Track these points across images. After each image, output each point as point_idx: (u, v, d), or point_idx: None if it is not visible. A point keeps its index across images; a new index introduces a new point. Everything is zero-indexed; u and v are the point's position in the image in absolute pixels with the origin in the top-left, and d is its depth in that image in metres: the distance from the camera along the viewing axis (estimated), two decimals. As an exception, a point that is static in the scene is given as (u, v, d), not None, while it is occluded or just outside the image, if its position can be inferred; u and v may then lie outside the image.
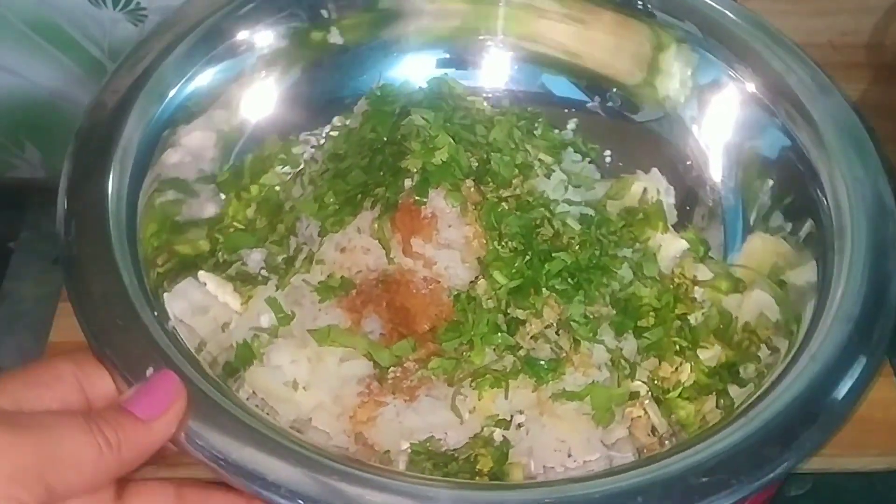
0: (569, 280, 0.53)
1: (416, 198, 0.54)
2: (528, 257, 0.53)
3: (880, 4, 0.80)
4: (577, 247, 0.55)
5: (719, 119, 0.60)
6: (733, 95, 0.59)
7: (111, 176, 0.50)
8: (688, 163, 0.62)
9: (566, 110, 0.66)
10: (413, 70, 0.65)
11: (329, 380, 0.51)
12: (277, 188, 0.61)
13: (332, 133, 0.63)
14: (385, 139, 0.59)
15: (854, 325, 0.46)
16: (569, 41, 0.64)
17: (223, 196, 0.60)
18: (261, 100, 0.61)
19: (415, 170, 0.55)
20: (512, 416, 0.51)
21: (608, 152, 0.65)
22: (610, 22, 0.63)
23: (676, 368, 0.54)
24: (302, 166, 0.62)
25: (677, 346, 0.54)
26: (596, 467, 0.50)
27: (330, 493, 0.40)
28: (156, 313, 0.47)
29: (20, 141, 0.85)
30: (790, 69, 0.57)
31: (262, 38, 0.60)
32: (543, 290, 0.52)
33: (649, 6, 0.61)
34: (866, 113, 0.55)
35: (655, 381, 0.54)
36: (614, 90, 0.64)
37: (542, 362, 0.51)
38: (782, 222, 0.56)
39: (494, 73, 0.66)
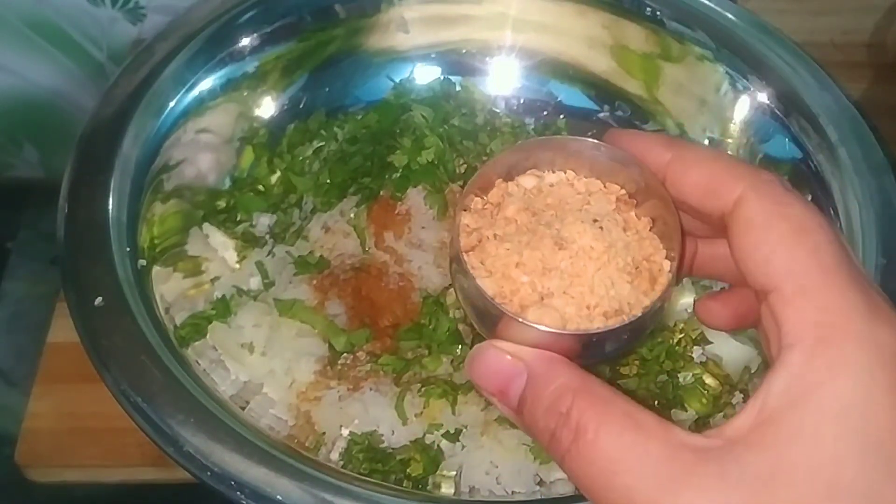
0: None
1: (393, 193, 0.56)
2: None
3: (881, 4, 0.80)
4: None
5: (731, 130, 0.59)
6: (745, 106, 0.58)
7: (112, 180, 0.50)
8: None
9: (577, 121, 0.65)
10: (420, 77, 0.64)
11: (283, 351, 0.52)
12: (306, 161, 0.61)
13: (357, 117, 0.63)
14: (384, 131, 0.59)
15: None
16: (576, 50, 0.64)
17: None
18: (263, 106, 0.61)
19: (400, 166, 0.56)
20: (458, 430, 0.51)
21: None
22: (619, 30, 0.62)
23: None
24: (323, 144, 0.62)
25: (656, 402, 0.52)
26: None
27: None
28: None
29: (18, 140, 0.85)
30: (800, 76, 0.57)
31: (266, 43, 0.60)
32: None
33: (658, 14, 0.60)
34: (868, 112, 0.55)
35: None
36: (623, 101, 0.64)
37: None
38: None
39: (502, 81, 0.65)
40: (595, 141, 0.35)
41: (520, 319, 0.31)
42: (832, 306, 0.27)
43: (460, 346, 0.52)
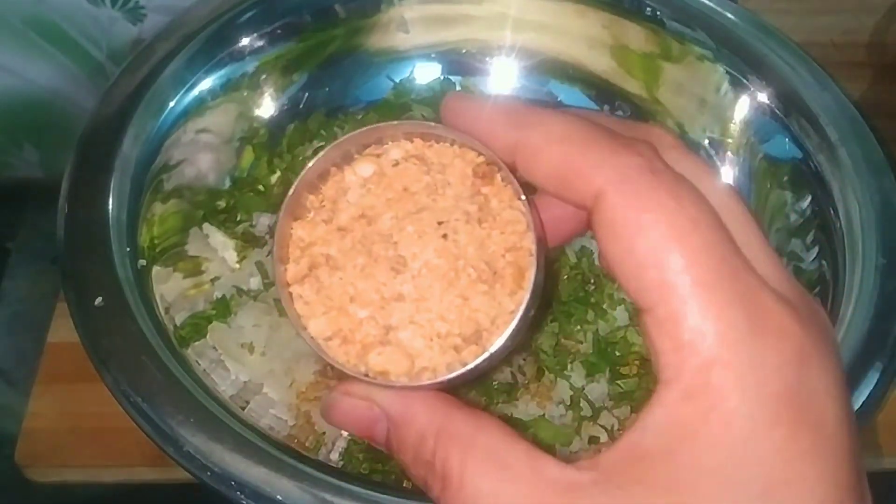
0: (543, 309, 0.52)
1: None
2: None
3: (882, 3, 0.80)
4: (564, 277, 0.54)
5: (731, 130, 0.59)
6: (745, 106, 0.58)
7: (112, 180, 0.50)
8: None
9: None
10: (420, 77, 0.64)
11: (283, 351, 0.52)
12: (306, 161, 0.60)
13: (357, 117, 0.63)
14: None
15: (868, 332, 0.45)
16: (576, 49, 0.64)
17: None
18: (263, 106, 0.61)
19: (401, 166, 0.56)
20: None
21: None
22: (619, 30, 0.62)
23: None
24: (323, 144, 0.62)
25: None
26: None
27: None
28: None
29: (18, 140, 0.85)
30: (800, 76, 0.57)
31: (266, 43, 0.59)
32: None
33: (658, 13, 0.60)
34: (868, 112, 0.55)
35: (620, 430, 0.51)
36: (623, 101, 0.63)
37: (494, 383, 0.51)
38: (795, 247, 0.55)
39: (502, 80, 0.65)
40: (432, 123, 0.31)
41: (357, 375, 0.29)
42: (709, 332, 0.24)
43: (460, 346, 0.52)
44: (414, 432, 0.28)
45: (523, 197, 0.29)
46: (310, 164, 0.31)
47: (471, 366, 0.28)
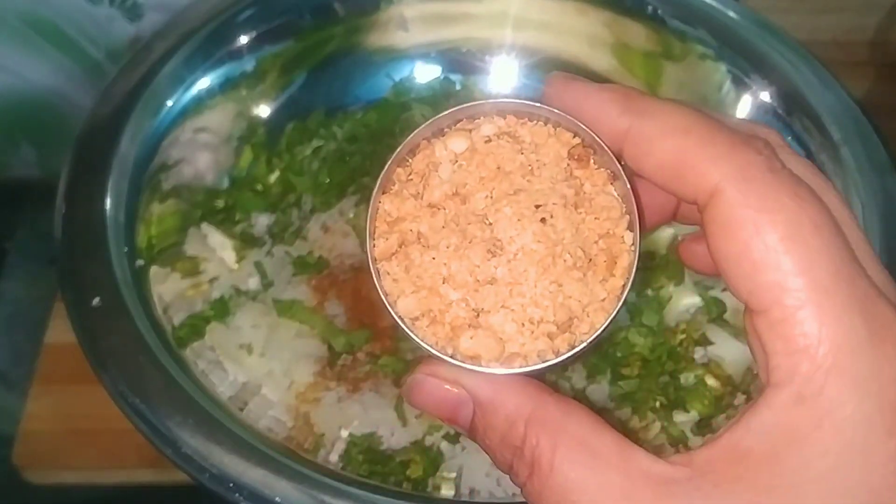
0: None
1: None
2: None
3: (884, 2, 0.79)
4: None
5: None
6: (747, 105, 0.58)
7: (110, 180, 0.50)
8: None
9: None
10: (420, 76, 0.64)
11: (281, 351, 0.52)
12: (305, 160, 0.61)
13: (356, 116, 0.62)
14: (384, 130, 0.59)
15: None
16: (577, 48, 0.63)
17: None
18: (262, 105, 0.61)
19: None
20: (458, 431, 0.50)
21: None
22: (621, 29, 0.62)
23: (646, 425, 0.52)
24: (323, 143, 0.62)
25: (657, 403, 0.52)
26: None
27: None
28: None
29: (16, 140, 0.84)
30: (802, 75, 0.56)
31: (265, 42, 0.59)
32: None
33: (660, 12, 0.60)
34: (871, 111, 0.55)
35: (621, 433, 0.51)
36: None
37: None
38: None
39: (502, 79, 0.65)
40: (536, 104, 0.30)
41: (447, 358, 0.27)
42: (825, 338, 0.23)
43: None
44: (503, 417, 0.27)
45: (628, 185, 0.28)
46: (405, 142, 0.30)
47: (566, 355, 0.27)
